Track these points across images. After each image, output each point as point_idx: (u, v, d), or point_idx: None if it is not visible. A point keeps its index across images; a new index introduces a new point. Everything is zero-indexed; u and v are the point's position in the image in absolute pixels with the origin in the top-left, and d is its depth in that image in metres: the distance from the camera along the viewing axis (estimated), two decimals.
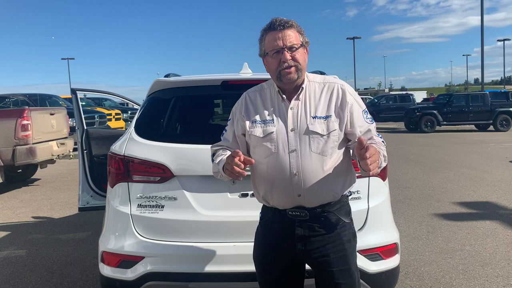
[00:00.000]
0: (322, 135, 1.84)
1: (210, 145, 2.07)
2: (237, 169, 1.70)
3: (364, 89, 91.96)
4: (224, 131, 2.02)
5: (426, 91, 64.33)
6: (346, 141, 1.92)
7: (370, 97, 38.26)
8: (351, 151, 1.94)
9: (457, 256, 4.35)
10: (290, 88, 1.89)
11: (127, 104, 5.96)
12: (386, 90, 78.16)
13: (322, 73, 3.26)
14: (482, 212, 6.01)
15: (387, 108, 26.89)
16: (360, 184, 2.66)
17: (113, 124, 17.90)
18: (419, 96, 40.91)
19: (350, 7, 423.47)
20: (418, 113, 20.39)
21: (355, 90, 2.00)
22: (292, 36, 1.84)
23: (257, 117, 1.91)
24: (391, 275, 2.70)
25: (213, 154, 1.99)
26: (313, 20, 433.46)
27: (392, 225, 2.81)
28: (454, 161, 10.76)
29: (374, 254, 2.61)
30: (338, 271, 1.88)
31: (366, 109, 1.96)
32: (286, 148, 1.84)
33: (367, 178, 2.67)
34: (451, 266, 4.09)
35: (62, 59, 61.83)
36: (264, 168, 1.88)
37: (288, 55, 1.82)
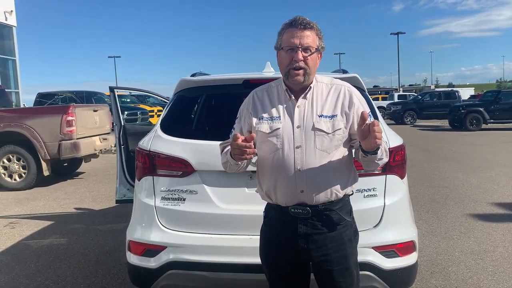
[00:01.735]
0: (327, 133, 1.88)
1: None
2: (243, 147, 1.74)
3: (409, 85, 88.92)
4: (232, 130, 2.07)
5: (473, 88, 61.54)
6: (350, 140, 1.96)
7: (414, 93, 37.07)
8: (353, 151, 1.98)
9: (488, 257, 4.25)
10: (297, 88, 1.94)
11: None
12: (432, 87, 75.47)
13: (344, 71, 3.30)
14: None
15: (430, 105, 25.99)
16: (376, 182, 2.69)
17: (155, 120, 18.45)
18: (466, 93, 39.26)
19: (396, 2, 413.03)
20: (463, 111, 19.61)
21: (399, 86, 2.00)
22: (310, 38, 1.87)
23: (264, 114, 1.95)
24: (407, 273, 2.70)
25: (222, 151, 2.05)
26: (357, 15, 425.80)
27: (409, 222, 2.80)
28: (498, 160, 10.35)
29: (389, 251, 2.63)
30: (337, 270, 1.93)
31: (370, 113, 1.90)
32: (292, 144, 1.88)
33: (384, 175, 2.69)
34: (480, 267, 4.01)
35: (108, 57, 63.26)
36: (269, 164, 1.93)
37: (300, 55, 1.85)
